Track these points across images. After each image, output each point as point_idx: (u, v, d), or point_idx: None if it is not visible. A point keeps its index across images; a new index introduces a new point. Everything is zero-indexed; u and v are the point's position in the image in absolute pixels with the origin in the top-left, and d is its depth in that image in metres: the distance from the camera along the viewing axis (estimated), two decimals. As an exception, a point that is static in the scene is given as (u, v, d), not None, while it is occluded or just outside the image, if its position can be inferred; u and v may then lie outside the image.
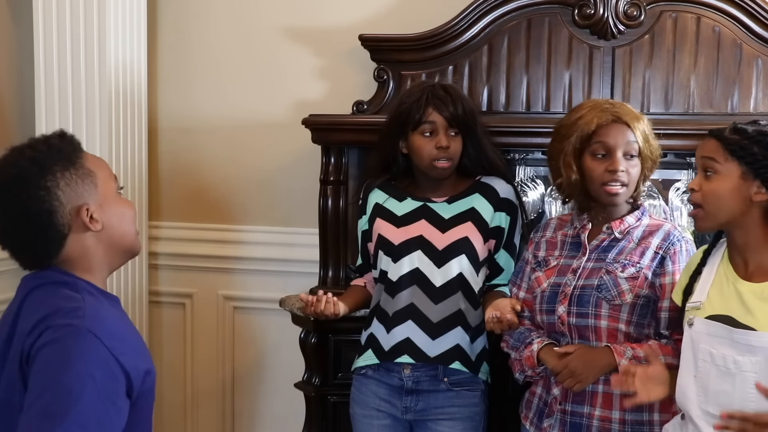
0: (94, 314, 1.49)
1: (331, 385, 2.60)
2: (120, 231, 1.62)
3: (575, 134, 2.02)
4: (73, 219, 1.55)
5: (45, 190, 1.52)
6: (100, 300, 1.57)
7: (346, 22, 2.98)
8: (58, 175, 1.54)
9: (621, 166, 1.99)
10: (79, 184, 1.56)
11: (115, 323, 1.53)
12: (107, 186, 1.61)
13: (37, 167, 1.53)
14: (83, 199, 1.56)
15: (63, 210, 1.54)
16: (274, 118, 3.06)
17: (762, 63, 2.64)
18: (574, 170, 2.03)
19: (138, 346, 1.58)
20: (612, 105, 2.06)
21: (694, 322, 1.78)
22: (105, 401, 1.44)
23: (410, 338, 2.22)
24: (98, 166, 1.62)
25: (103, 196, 1.59)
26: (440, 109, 2.22)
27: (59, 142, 1.58)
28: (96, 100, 2.81)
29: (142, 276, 3.04)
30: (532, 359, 2.08)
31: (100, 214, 1.57)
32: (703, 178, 1.78)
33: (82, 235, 1.57)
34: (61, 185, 1.54)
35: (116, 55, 2.84)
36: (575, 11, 2.71)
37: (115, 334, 1.49)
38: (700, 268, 1.86)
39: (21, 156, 1.55)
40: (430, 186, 2.32)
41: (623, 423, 2.00)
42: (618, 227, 2.07)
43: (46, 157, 1.54)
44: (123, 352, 1.48)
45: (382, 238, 2.32)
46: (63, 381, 1.41)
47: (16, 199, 1.53)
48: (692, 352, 1.78)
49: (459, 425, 2.24)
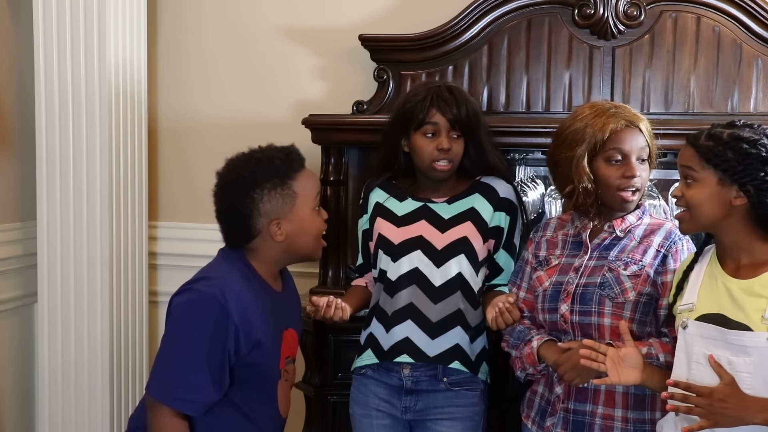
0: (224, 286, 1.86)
1: (331, 385, 2.60)
2: (299, 243, 1.97)
3: (586, 141, 2.00)
4: (264, 227, 1.92)
5: (251, 199, 1.90)
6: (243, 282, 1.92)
7: (346, 22, 2.99)
8: (265, 191, 1.90)
9: (637, 172, 2.00)
10: (279, 201, 1.91)
11: (235, 289, 1.87)
12: (304, 206, 1.95)
13: (252, 180, 1.90)
14: (278, 214, 1.92)
15: (259, 218, 1.92)
16: (274, 118, 3.06)
17: (762, 63, 2.65)
18: (590, 177, 2.01)
19: (260, 320, 1.91)
20: (617, 108, 2.05)
21: (688, 325, 1.78)
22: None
23: (409, 338, 2.21)
24: (304, 188, 1.95)
25: (296, 215, 1.94)
26: (444, 110, 2.22)
27: (280, 162, 1.93)
28: (96, 100, 2.81)
29: (142, 276, 3.04)
30: (532, 356, 2.07)
31: (287, 228, 1.93)
32: (684, 185, 1.80)
33: (268, 239, 1.94)
34: (264, 200, 1.91)
35: (116, 55, 2.84)
36: (575, 11, 2.71)
37: (228, 296, 1.85)
38: (689, 271, 1.87)
39: (248, 163, 1.93)
40: (431, 186, 2.32)
41: (626, 421, 2.00)
42: (619, 226, 2.07)
43: (262, 173, 1.91)
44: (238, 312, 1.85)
45: (383, 237, 2.32)
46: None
47: (230, 197, 1.93)
48: (686, 354, 1.78)
49: (458, 425, 2.24)
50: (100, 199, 2.83)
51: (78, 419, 2.91)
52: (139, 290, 3.02)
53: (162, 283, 3.23)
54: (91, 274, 2.85)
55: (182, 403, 1.85)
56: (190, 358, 1.84)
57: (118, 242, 2.90)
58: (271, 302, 1.98)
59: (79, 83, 2.81)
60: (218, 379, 1.86)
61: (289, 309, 2.09)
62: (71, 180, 2.84)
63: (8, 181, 2.94)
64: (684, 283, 1.86)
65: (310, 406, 2.66)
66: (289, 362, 2.06)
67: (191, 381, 1.84)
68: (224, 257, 1.99)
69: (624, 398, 2.00)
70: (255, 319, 1.90)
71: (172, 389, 1.85)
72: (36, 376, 3.02)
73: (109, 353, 2.88)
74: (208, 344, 1.83)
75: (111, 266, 2.86)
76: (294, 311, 2.13)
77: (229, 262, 1.96)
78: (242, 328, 1.87)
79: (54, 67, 2.81)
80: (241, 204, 1.91)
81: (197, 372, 1.83)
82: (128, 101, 2.91)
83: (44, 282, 2.88)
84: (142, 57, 2.98)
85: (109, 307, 2.86)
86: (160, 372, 1.88)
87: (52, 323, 2.89)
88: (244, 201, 1.91)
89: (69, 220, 2.85)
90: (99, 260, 2.85)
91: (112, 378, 2.90)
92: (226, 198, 1.95)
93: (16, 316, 3.00)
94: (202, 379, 1.84)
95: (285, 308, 2.06)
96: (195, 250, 3.16)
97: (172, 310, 1.91)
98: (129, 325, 2.97)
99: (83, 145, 2.82)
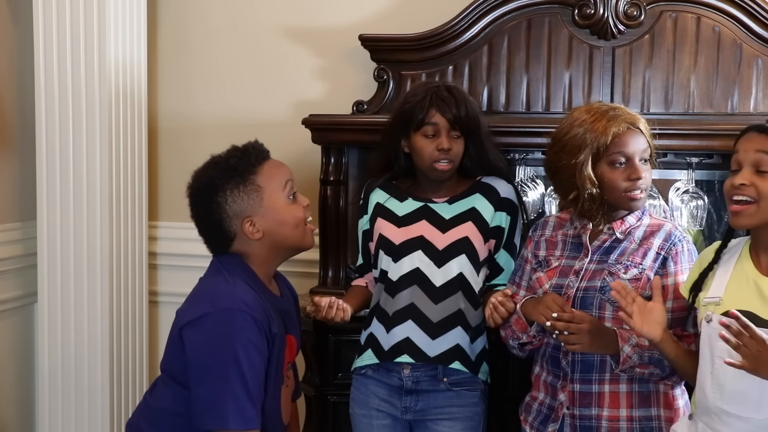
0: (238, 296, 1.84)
1: (331, 385, 2.59)
2: (280, 236, 1.92)
3: (588, 146, 1.98)
4: (238, 228, 1.89)
5: (216, 204, 1.88)
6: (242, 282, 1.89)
7: (346, 22, 2.99)
8: (227, 192, 1.88)
9: (642, 173, 1.99)
10: (245, 199, 1.88)
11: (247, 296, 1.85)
12: (274, 197, 1.90)
13: (211, 185, 1.89)
14: (248, 212, 1.88)
15: (230, 221, 1.89)
16: (274, 118, 3.06)
17: (762, 63, 2.64)
18: (594, 183, 2.00)
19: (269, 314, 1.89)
20: (615, 110, 2.03)
21: (713, 318, 1.75)
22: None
23: (410, 338, 2.21)
24: (269, 179, 1.91)
25: (267, 208, 1.89)
26: (443, 110, 2.21)
27: (236, 161, 1.90)
28: (96, 100, 2.81)
29: (142, 276, 3.04)
30: (521, 321, 2.07)
31: (261, 224, 1.89)
32: (754, 174, 1.74)
33: (247, 240, 1.90)
34: (229, 201, 1.88)
35: (116, 55, 2.84)
36: (575, 11, 2.71)
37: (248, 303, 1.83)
38: (713, 264, 1.84)
39: (206, 170, 1.93)
40: (431, 186, 2.32)
41: (631, 420, 2.00)
42: (619, 228, 2.06)
43: (219, 176, 1.89)
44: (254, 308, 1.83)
45: (383, 237, 2.32)
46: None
47: (198, 206, 1.93)
48: (709, 348, 1.76)
49: (458, 425, 2.23)
50: (100, 199, 2.83)
51: (78, 419, 2.91)
52: (139, 290, 3.02)
53: (162, 283, 3.23)
54: (91, 274, 2.85)
55: (254, 422, 1.81)
56: (235, 378, 1.78)
57: (118, 242, 2.90)
58: (275, 306, 1.96)
59: (79, 83, 2.81)
60: (260, 389, 1.84)
61: (291, 314, 2.07)
62: (71, 180, 2.84)
63: (8, 181, 2.94)
64: (707, 276, 1.83)
65: (310, 406, 2.66)
66: (289, 368, 2.05)
67: (249, 398, 1.80)
68: (222, 266, 1.93)
69: (628, 398, 2.00)
70: (266, 322, 1.87)
71: (240, 413, 1.79)
72: (36, 376, 3.02)
73: (109, 353, 2.88)
74: (249, 357, 1.79)
75: (111, 266, 2.86)
76: (294, 316, 2.10)
77: (229, 271, 1.91)
78: (270, 333, 1.85)
79: (54, 67, 2.81)
80: (209, 211, 1.89)
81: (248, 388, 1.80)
82: (128, 101, 2.92)
83: (44, 282, 2.88)
84: (142, 57, 2.98)
85: (109, 307, 2.86)
86: (217, 404, 1.80)
87: (52, 323, 2.89)
88: (210, 207, 1.89)
89: (69, 220, 2.85)
90: (99, 260, 2.85)
91: (112, 378, 2.90)
92: (195, 208, 1.94)
93: (16, 316, 3.00)
94: (255, 392, 1.81)
95: (287, 313, 2.04)
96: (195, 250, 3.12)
97: (193, 339, 1.83)
98: (129, 325, 2.97)
99: (83, 145, 2.82)
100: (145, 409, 2.01)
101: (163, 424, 1.93)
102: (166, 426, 1.93)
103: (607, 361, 1.99)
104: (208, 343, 1.81)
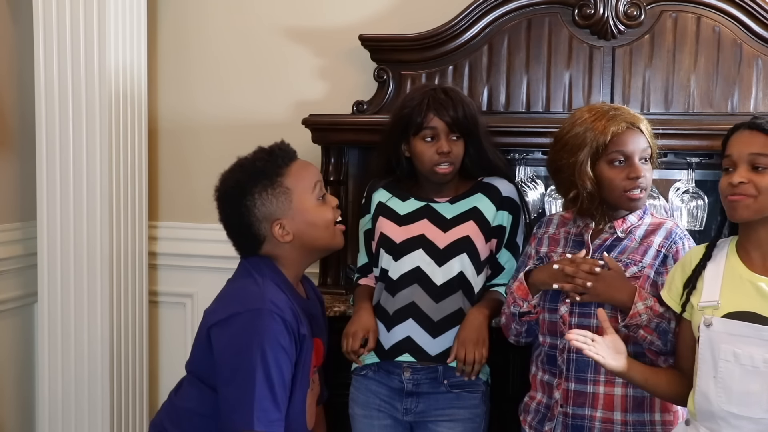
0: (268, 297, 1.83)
1: (332, 385, 2.59)
2: (311, 238, 1.92)
3: (588, 145, 1.99)
4: (268, 231, 1.89)
5: (245, 207, 1.87)
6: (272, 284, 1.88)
7: (346, 22, 2.99)
8: (256, 196, 1.86)
9: (642, 172, 1.99)
10: (274, 202, 1.87)
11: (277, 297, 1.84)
12: (303, 198, 1.90)
13: (239, 189, 1.87)
14: (277, 215, 1.88)
15: (259, 224, 1.88)
16: (274, 118, 3.06)
17: (762, 63, 2.65)
18: (593, 182, 2.01)
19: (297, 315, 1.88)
20: (617, 110, 2.03)
21: (713, 322, 1.74)
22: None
23: (411, 337, 2.22)
24: (297, 181, 1.89)
25: (297, 209, 1.89)
26: (441, 114, 2.21)
27: (263, 163, 1.88)
28: (96, 100, 2.81)
29: (142, 276, 3.04)
30: (522, 287, 2.07)
31: (291, 226, 1.88)
32: (751, 172, 1.73)
33: (277, 242, 1.90)
34: (258, 204, 1.87)
35: (116, 56, 2.84)
36: (575, 11, 2.71)
37: (277, 304, 1.81)
38: (700, 268, 1.83)
39: (233, 173, 1.90)
40: (433, 187, 2.32)
41: (625, 424, 1.99)
42: (620, 226, 2.07)
43: (247, 179, 1.87)
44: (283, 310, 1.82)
45: (384, 236, 2.32)
46: None
47: (227, 210, 1.91)
48: (711, 352, 1.74)
49: (459, 426, 2.23)
50: (100, 199, 2.83)
51: (78, 419, 2.91)
52: (139, 290, 3.02)
53: (162, 283, 3.23)
54: (91, 274, 2.85)
55: (278, 425, 1.80)
56: (261, 379, 1.77)
57: (118, 242, 2.90)
58: (303, 309, 1.94)
59: (79, 83, 2.81)
60: (285, 392, 1.83)
61: (317, 317, 2.05)
62: (71, 180, 2.84)
63: (8, 181, 2.94)
64: (696, 280, 1.82)
65: (310, 406, 2.65)
66: (315, 371, 2.03)
67: (274, 399, 1.79)
68: (252, 267, 1.92)
69: (623, 401, 1.99)
70: (296, 325, 1.86)
71: (265, 414, 1.78)
72: (36, 376, 3.02)
73: (109, 353, 2.87)
74: (276, 359, 1.78)
75: (111, 266, 2.86)
76: (320, 320, 2.08)
77: (259, 273, 1.90)
78: (299, 335, 1.84)
79: (54, 67, 2.81)
80: (238, 214, 1.88)
81: (274, 390, 1.79)
82: (128, 101, 2.91)
83: (44, 282, 2.88)
84: (142, 57, 2.98)
85: (109, 307, 2.86)
86: (243, 405, 1.78)
87: (52, 323, 2.89)
88: (239, 211, 1.88)
89: (69, 220, 2.85)
90: (99, 260, 2.85)
91: (112, 378, 2.89)
92: (224, 211, 1.93)
93: (16, 316, 3.00)
94: (280, 395, 1.80)
95: (314, 316, 2.02)
96: (195, 250, 3.17)
97: (220, 340, 1.82)
98: (129, 325, 2.97)
99: (83, 145, 2.82)
100: (170, 409, 1.99)
101: (188, 425, 1.92)
102: (190, 426, 1.91)
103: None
104: (236, 344, 1.79)
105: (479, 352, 2.15)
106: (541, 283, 2.03)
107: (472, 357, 2.15)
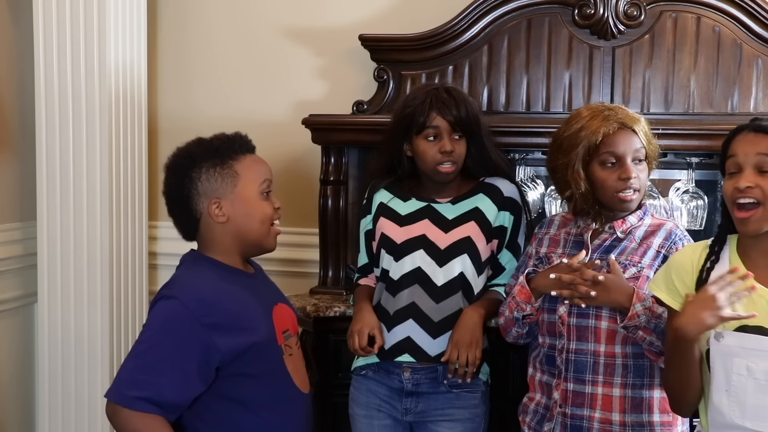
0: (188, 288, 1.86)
1: (331, 385, 2.60)
2: (245, 227, 1.91)
3: (581, 145, 1.99)
4: (205, 208, 1.89)
5: (189, 178, 1.88)
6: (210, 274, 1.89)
7: (346, 22, 2.99)
8: (203, 169, 1.88)
9: (633, 173, 1.98)
10: (219, 180, 1.88)
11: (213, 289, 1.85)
12: (248, 187, 1.90)
13: (190, 160, 1.90)
14: (217, 193, 1.88)
15: (198, 198, 1.89)
16: (274, 118, 3.06)
17: (762, 63, 2.65)
18: (585, 182, 2.01)
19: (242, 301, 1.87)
20: (612, 110, 2.03)
21: (724, 336, 1.70)
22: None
23: (411, 337, 2.21)
24: (248, 170, 1.91)
25: (239, 195, 1.89)
26: (444, 113, 2.21)
27: (220, 143, 1.92)
28: (96, 100, 2.81)
29: (142, 276, 3.04)
30: (525, 291, 2.06)
31: (228, 209, 1.89)
32: (757, 175, 1.70)
33: (212, 222, 1.90)
34: (203, 178, 1.88)
35: (116, 56, 2.84)
36: (575, 11, 2.71)
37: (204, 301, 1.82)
38: (708, 270, 1.78)
39: (188, 146, 1.94)
40: (435, 187, 2.32)
41: (623, 425, 1.99)
42: (620, 227, 2.06)
43: (200, 153, 1.90)
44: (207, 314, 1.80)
45: (385, 236, 2.32)
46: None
47: (171, 179, 1.92)
48: (723, 366, 1.70)
49: (459, 426, 2.23)
50: (100, 199, 2.83)
51: (78, 419, 2.91)
52: (139, 290, 3.02)
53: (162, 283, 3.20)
54: (91, 274, 2.85)
55: (141, 404, 1.75)
56: (154, 362, 1.77)
57: (118, 242, 2.90)
58: (246, 283, 1.94)
59: (79, 83, 2.81)
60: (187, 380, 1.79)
61: (269, 286, 2.06)
62: (71, 180, 2.84)
63: (8, 181, 2.94)
64: (705, 282, 1.75)
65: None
66: (288, 336, 1.99)
67: (151, 380, 1.76)
68: (186, 264, 1.97)
69: (621, 402, 1.99)
70: (234, 303, 1.86)
71: (131, 389, 1.75)
72: (36, 376, 3.02)
73: (109, 353, 2.88)
74: (176, 348, 1.78)
75: (111, 266, 2.86)
76: (274, 288, 2.09)
77: (192, 262, 1.94)
78: (221, 322, 1.82)
79: (54, 67, 2.81)
80: (181, 184, 1.89)
81: (157, 370, 1.77)
82: (128, 101, 2.92)
83: (44, 282, 2.88)
84: (142, 57, 2.98)
85: (109, 307, 2.86)
86: (118, 376, 1.81)
87: (52, 323, 2.89)
88: (182, 181, 1.89)
89: (69, 220, 2.85)
90: (99, 260, 2.85)
91: (111, 378, 2.89)
92: (168, 181, 1.93)
93: (16, 316, 3.00)
94: (165, 380, 1.76)
95: (264, 285, 2.03)
96: (195, 250, 3.16)
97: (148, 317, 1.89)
98: (129, 325, 2.97)
99: (83, 145, 2.82)
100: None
101: (209, 415, 1.88)
102: (212, 416, 1.88)
103: (600, 362, 1.99)
104: (146, 325, 1.85)
105: (472, 353, 2.15)
106: (543, 288, 2.04)
107: (465, 359, 2.15)
